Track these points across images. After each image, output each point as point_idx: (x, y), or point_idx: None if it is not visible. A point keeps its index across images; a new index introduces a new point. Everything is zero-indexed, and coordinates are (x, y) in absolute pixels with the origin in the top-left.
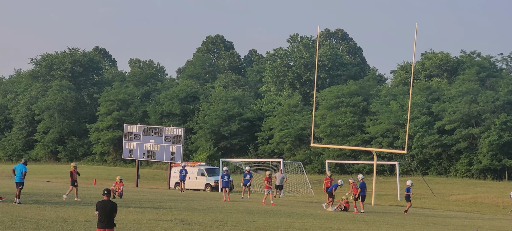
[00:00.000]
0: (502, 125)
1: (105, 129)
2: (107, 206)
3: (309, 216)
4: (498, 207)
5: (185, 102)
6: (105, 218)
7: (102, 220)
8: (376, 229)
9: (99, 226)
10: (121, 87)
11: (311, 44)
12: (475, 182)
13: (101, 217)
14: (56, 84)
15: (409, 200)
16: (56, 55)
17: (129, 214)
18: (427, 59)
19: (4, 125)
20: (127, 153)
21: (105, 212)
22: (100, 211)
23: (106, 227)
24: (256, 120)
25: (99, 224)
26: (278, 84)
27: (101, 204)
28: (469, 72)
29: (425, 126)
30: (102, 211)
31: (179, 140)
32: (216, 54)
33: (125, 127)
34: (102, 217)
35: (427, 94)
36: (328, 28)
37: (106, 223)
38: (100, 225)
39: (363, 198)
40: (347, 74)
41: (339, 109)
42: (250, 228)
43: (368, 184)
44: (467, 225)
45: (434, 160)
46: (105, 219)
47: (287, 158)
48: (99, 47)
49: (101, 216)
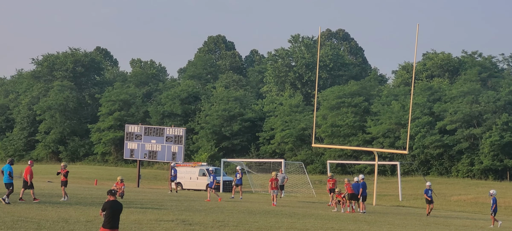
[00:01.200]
0: (504, 125)
1: (106, 129)
2: (114, 206)
3: (310, 217)
4: (499, 208)
5: (187, 103)
6: (112, 218)
7: (109, 220)
8: (377, 230)
9: (106, 226)
10: (122, 87)
11: (313, 45)
12: (477, 182)
13: (108, 218)
14: (57, 84)
15: (429, 202)
16: (57, 56)
17: (131, 215)
18: (428, 59)
19: (5, 125)
20: (128, 153)
21: (112, 212)
22: (107, 212)
23: (113, 228)
24: (257, 120)
25: (106, 224)
26: (280, 84)
27: (108, 204)
28: (471, 72)
29: (426, 126)
30: (109, 211)
31: (181, 140)
32: (218, 54)
33: (126, 127)
34: (109, 217)
35: (429, 94)
36: (329, 28)
37: (113, 224)
38: (107, 225)
39: (364, 198)
40: (349, 74)
41: (341, 109)
42: (251, 228)
43: (369, 184)
44: (469, 225)
45: (436, 160)
46: (112, 219)
47: (289, 158)
48: (100, 48)
49: (108, 217)
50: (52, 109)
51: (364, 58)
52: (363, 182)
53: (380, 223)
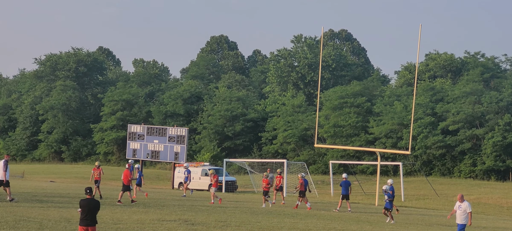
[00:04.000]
0: (506, 125)
1: (109, 129)
2: (91, 204)
3: (312, 217)
4: (502, 208)
5: (189, 103)
6: (87, 216)
7: (84, 218)
8: (379, 230)
9: (82, 224)
10: (125, 87)
11: (315, 45)
12: (479, 182)
13: (84, 215)
14: (60, 84)
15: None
16: (60, 55)
17: (133, 214)
18: (431, 60)
19: (8, 124)
20: (131, 153)
21: (88, 210)
22: (83, 209)
23: (89, 225)
24: (260, 120)
25: (82, 222)
26: (282, 84)
27: (84, 202)
28: (473, 73)
29: (429, 126)
30: (85, 209)
31: (183, 140)
32: (220, 54)
33: (129, 127)
34: (85, 215)
35: (431, 95)
36: (332, 29)
37: (89, 221)
38: (82, 223)
39: (345, 198)
40: (351, 74)
41: (343, 110)
42: (254, 228)
43: (371, 184)
44: (471, 225)
45: (438, 161)
46: (87, 217)
47: (291, 158)
48: (103, 47)
49: (84, 214)
50: (55, 109)
51: (366, 58)
52: (345, 181)
53: (382, 223)
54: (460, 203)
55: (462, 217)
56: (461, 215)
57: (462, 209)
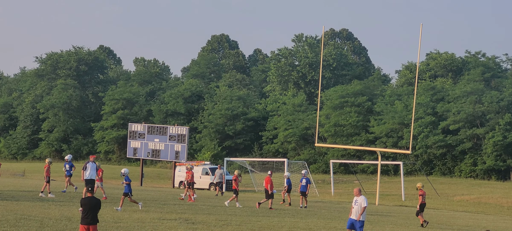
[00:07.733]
0: (507, 125)
1: (109, 127)
2: (92, 202)
3: (313, 216)
4: (502, 208)
5: (190, 102)
6: (88, 214)
7: (86, 216)
8: (380, 229)
9: (83, 222)
10: (125, 86)
11: (316, 44)
12: (480, 182)
13: (85, 214)
14: (61, 82)
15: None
16: (61, 54)
17: (133, 213)
18: (432, 59)
19: (9, 123)
20: (131, 152)
21: (89, 208)
22: (84, 208)
23: (90, 224)
24: (260, 119)
25: (83, 220)
26: (283, 83)
27: (85, 200)
28: (474, 72)
29: (429, 126)
30: (86, 207)
31: (184, 139)
32: (221, 53)
33: (129, 125)
34: (86, 214)
35: (432, 94)
36: (333, 28)
37: (90, 220)
38: (84, 221)
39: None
40: (352, 74)
41: (344, 109)
42: (254, 227)
43: (372, 184)
44: (472, 225)
45: (439, 160)
46: (88, 215)
47: (292, 157)
48: (104, 46)
49: (85, 213)
50: (56, 107)
51: (367, 58)
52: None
53: (382, 223)
54: (356, 198)
55: (359, 212)
56: (357, 211)
57: (358, 204)
